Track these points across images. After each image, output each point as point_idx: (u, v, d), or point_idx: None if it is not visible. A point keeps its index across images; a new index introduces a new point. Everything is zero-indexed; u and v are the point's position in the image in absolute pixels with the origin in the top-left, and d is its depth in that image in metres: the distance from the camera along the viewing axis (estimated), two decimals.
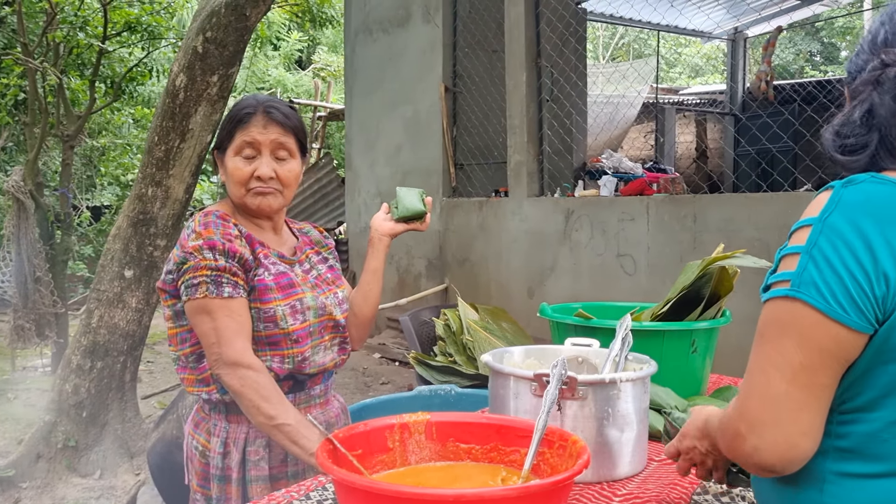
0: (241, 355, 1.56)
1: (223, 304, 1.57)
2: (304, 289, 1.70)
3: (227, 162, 1.67)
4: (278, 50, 18.41)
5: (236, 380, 1.55)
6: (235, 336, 1.57)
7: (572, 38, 6.66)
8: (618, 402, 1.44)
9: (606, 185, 6.19)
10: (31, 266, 5.79)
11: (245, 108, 1.66)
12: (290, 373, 1.67)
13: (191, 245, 1.59)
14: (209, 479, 1.68)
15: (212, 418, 1.69)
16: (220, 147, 1.71)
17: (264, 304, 1.62)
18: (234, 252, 1.59)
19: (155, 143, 4.06)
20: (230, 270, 1.58)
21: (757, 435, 0.95)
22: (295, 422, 1.56)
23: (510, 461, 1.36)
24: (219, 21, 3.85)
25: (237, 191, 1.68)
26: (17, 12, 6.45)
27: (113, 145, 10.77)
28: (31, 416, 5.35)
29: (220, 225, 1.62)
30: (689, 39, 19.54)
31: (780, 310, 0.96)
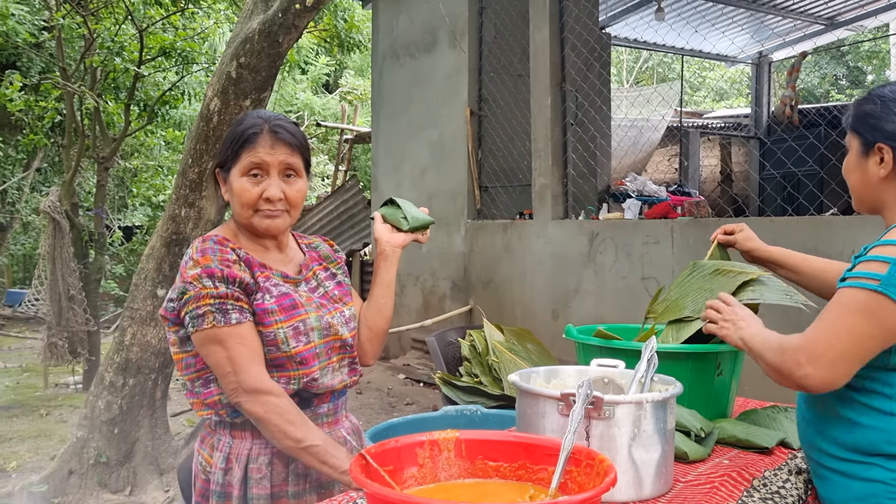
0: (260, 382, 1.54)
1: (233, 332, 1.54)
2: (307, 309, 1.66)
3: (233, 182, 1.63)
4: (306, 74, 18.70)
5: (259, 406, 1.53)
6: (250, 363, 1.55)
7: (596, 63, 6.72)
8: (644, 423, 1.47)
9: (631, 209, 6.21)
10: (65, 285, 5.92)
11: (251, 127, 1.62)
12: (296, 391, 1.64)
13: (190, 274, 1.55)
14: (209, 497, 1.64)
15: (216, 433, 1.67)
16: (223, 166, 1.66)
17: (266, 327, 1.59)
18: (234, 277, 1.56)
19: (189, 165, 4.17)
20: (233, 296, 1.55)
21: (813, 367, 1.39)
22: (322, 442, 1.56)
23: (538, 479, 1.39)
24: (252, 47, 3.96)
25: (244, 212, 1.63)
26: (56, 38, 6.65)
27: (145, 167, 10.99)
28: (63, 432, 5.45)
29: (217, 251, 1.58)
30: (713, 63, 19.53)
31: (868, 297, 1.37)
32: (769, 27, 9.85)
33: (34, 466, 4.71)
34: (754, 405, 2.23)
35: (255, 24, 3.97)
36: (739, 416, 2.06)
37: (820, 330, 1.41)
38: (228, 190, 1.65)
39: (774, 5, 9.33)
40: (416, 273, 7.55)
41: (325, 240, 1.92)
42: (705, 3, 9.13)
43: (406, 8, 8.03)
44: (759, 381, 3.91)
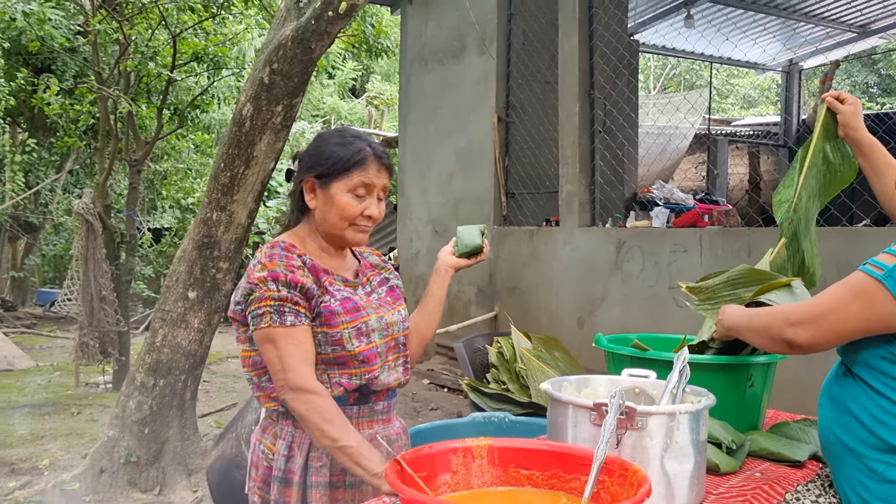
0: (305, 381, 1.64)
1: (286, 333, 1.65)
2: (368, 311, 1.77)
3: (336, 196, 1.74)
4: (333, 78, 18.83)
5: (301, 404, 1.63)
6: (299, 363, 1.65)
7: (625, 70, 6.70)
8: (677, 434, 1.47)
9: (659, 217, 6.18)
10: (97, 285, 6.02)
11: (361, 149, 1.75)
12: (357, 387, 1.75)
13: (256, 276, 1.67)
14: (270, 482, 1.74)
15: (279, 423, 1.77)
16: (323, 177, 1.75)
17: (331, 328, 1.70)
18: (296, 283, 1.67)
19: (221, 169, 4.22)
20: (292, 300, 1.66)
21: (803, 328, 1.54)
22: (357, 444, 1.62)
23: (570, 488, 1.40)
24: (285, 53, 4.00)
25: (340, 223, 1.76)
26: (92, 43, 6.77)
27: (175, 170, 11.13)
28: (93, 430, 5.54)
29: (283, 257, 1.70)
30: (742, 70, 19.36)
31: (867, 282, 1.45)
32: (801, 35, 9.75)
33: (66, 464, 4.79)
34: (785, 418, 2.21)
35: (288, 30, 4.02)
36: (771, 428, 2.05)
37: (819, 298, 1.54)
38: (322, 200, 1.76)
39: (806, 13, 9.24)
40: None
41: (372, 250, 2.04)
42: (736, 10, 9.06)
43: (435, 14, 8.07)
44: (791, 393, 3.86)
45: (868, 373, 1.51)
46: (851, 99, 2.06)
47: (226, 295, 4.39)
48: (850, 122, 2.02)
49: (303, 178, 1.78)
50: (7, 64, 9.59)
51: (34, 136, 12.70)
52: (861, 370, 1.53)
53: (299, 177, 1.80)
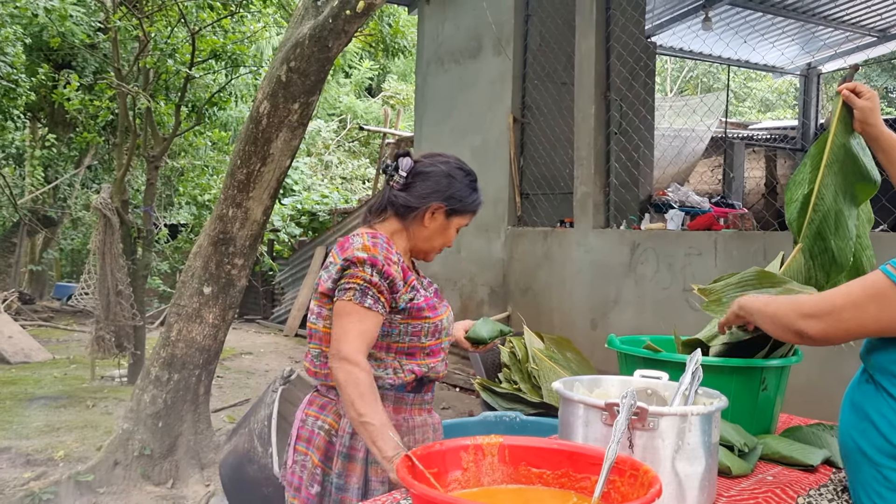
0: (354, 354, 1.76)
1: (361, 312, 1.80)
2: (440, 311, 1.96)
3: (448, 228, 2.01)
4: (350, 77, 18.89)
5: (343, 373, 1.75)
6: (357, 339, 1.78)
7: (642, 72, 6.69)
8: (688, 436, 1.47)
9: (674, 219, 6.16)
10: (113, 280, 6.08)
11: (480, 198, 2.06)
12: (422, 376, 1.92)
13: (356, 255, 1.82)
14: (333, 456, 1.88)
15: (341, 403, 1.87)
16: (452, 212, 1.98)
17: (416, 320, 1.89)
18: (388, 275, 1.83)
19: (237, 166, 4.25)
20: (378, 288, 1.82)
21: (816, 320, 1.50)
22: (379, 424, 1.71)
23: (581, 488, 1.40)
24: (302, 52, 4.03)
25: (428, 246, 2.00)
26: (112, 39, 6.84)
27: (191, 166, 11.21)
28: (108, 423, 5.59)
29: (384, 247, 1.86)
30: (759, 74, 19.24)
31: (883, 283, 1.42)
32: (820, 38, 9.68)
33: (81, 456, 4.84)
34: (799, 422, 2.20)
35: (305, 29, 4.04)
36: (784, 432, 2.05)
37: (835, 294, 1.51)
38: (437, 225, 1.99)
39: (825, 16, 9.17)
40: (455, 278, 7.58)
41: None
42: (754, 13, 9.01)
43: (452, 14, 8.08)
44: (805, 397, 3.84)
45: (888, 380, 1.50)
46: (869, 92, 1.98)
47: (240, 291, 4.42)
48: (867, 117, 1.96)
49: (434, 202, 1.96)
50: (28, 59, 9.69)
51: (54, 132, 12.83)
52: (882, 377, 1.51)
53: (433, 199, 1.96)
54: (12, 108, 9.99)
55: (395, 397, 1.91)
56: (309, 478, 1.89)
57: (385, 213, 1.98)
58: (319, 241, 11.60)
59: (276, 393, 3.51)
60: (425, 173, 1.97)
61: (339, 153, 17.70)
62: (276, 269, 12.37)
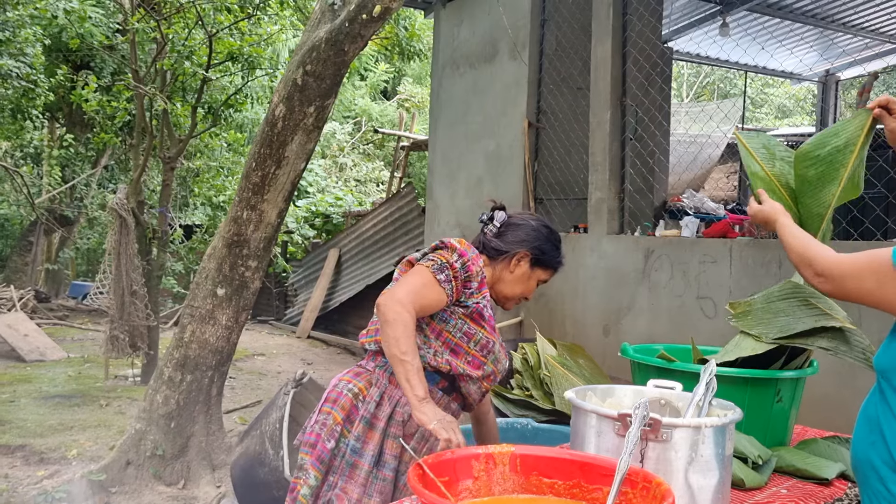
0: (409, 302, 1.85)
1: (430, 280, 1.92)
2: (496, 335, 2.08)
3: (530, 279, 2.18)
4: (365, 80, 18.95)
5: (393, 312, 1.83)
6: (416, 293, 1.88)
7: (658, 78, 6.65)
8: (702, 448, 1.46)
9: (689, 226, 6.11)
10: (128, 280, 6.11)
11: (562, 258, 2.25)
12: (451, 375, 2.00)
13: (450, 241, 2.01)
14: (355, 420, 1.98)
15: (375, 373, 2.03)
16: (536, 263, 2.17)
17: (474, 322, 2.02)
18: (469, 269, 1.99)
19: (252, 168, 4.26)
20: (455, 273, 1.96)
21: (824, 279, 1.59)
22: (416, 365, 1.80)
23: (592, 499, 1.39)
24: (318, 55, 4.04)
25: (516, 293, 2.17)
26: (130, 41, 6.89)
27: (207, 167, 11.27)
28: (121, 423, 5.62)
29: (475, 253, 2.05)
30: (776, 80, 19.11)
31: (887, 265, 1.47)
32: (838, 45, 9.60)
33: (93, 455, 4.87)
34: (814, 434, 2.18)
35: (322, 32, 4.05)
36: (798, 444, 2.03)
37: (844, 260, 1.58)
38: (520, 272, 2.15)
39: (844, 23, 9.09)
40: None
41: None
42: (772, 19, 8.95)
43: (468, 18, 8.08)
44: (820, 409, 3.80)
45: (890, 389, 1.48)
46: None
47: (254, 293, 4.43)
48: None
49: (524, 248, 2.14)
50: (48, 60, 9.79)
51: (72, 132, 12.94)
52: (886, 385, 1.50)
53: (521, 247, 2.14)
54: (31, 109, 10.10)
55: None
56: (328, 433, 1.97)
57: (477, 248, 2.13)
58: (333, 244, 11.62)
59: (288, 396, 3.51)
60: (517, 225, 2.17)
61: (354, 155, 17.74)
62: (289, 271, 12.40)
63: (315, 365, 8.54)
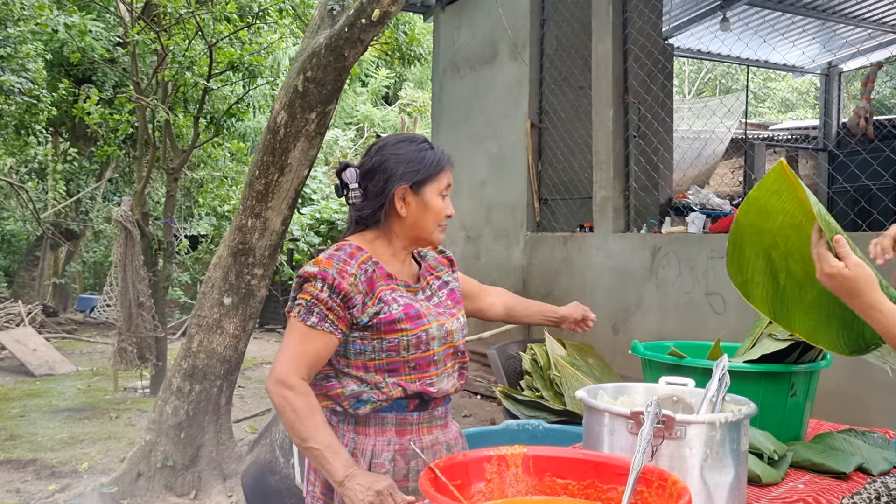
0: (287, 375, 1.65)
1: (303, 330, 1.68)
2: (429, 319, 1.76)
3: (430, 200, 1.79)
4: (366, 86, 18.96)
5: (276, 397, 1.66)
6: (293, 359, 1.67)
7: (660, 74, 6.62)
8: (717, 444, 1.44)
9: (695, 222, 6.09)
10: (135, 291, 6.12)
11: (443, 152, 1.83)
12: (417, 392, 1.75)
13: (307, 270, 1.71)
14: (332, 487, 1.73)
15: (340, 429, 1.78)
16: (417, 184, 1.77)
17: (391, 334, 1.71)
18: (340, 289, 1.68)
19: (255, 176, 4.26)
20: (326, 304, 1.68)
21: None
22: (324, 446, 1.62)
23: (607, 499, 1.37)
24: (318, 61, 4.03)
25: (431, 226, 1.80)
26: (131, 53, 6.90)
27: (211, 177, 11.28)
28: (131, 434, 5.62)
29: (341, 260, 1.71)
30: (779, 74, 19.06)
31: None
32: (841, 36, 9.56)
33: (104, 468, 4.86)
34: (829, 428, 2.16)
35: (321, 38, 4.05)
36: (814, 438, 2.00)
37: None
38: (415, 206, 1.79)
39: (846, 14, 9.05)
40: None
41: (432, 248, 2.01)
42: (773, 12, 8.92)
43: (467, 21, 8.08)
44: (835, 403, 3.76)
45: None
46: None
47: (260, 301, 4.42)
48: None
49: (394, 187, 1.77)
50: (50, 75, 9.82)
51: (75, 146, 12.99)
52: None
53: (388, 185, 1.77)
54: (34, 124, 10.13)
55: (397, 419, 1.76)
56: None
57: (360, 227, 1.85)
58: None
59: None
60: (372, 170, 1.79)
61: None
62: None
63: None
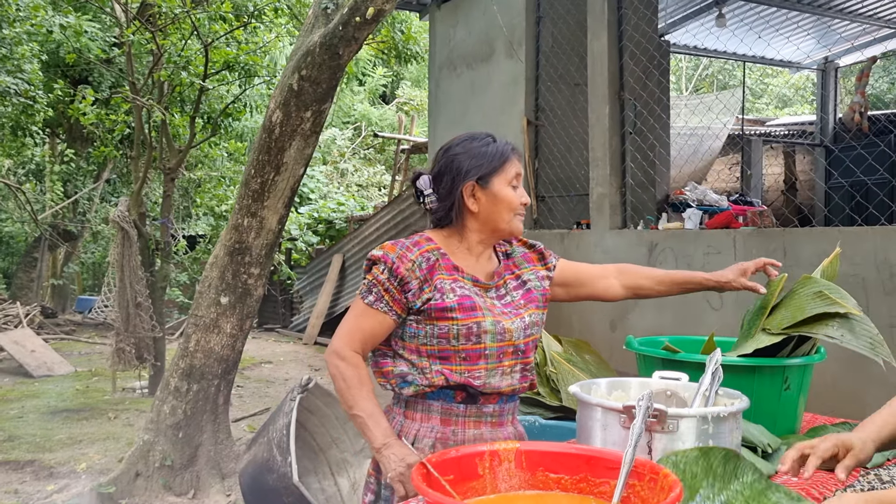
0: (342, 348, 1.79)
1: (362, 308, 1.81)
2: (485, 313, 1.80)
3: (499, 191, 1.84)
4: (363, 85, 18.96)
5: (332, 367, 1.80)
6: (348, 333, 1.81)
7: (656, 71, 6.62)
8: (709, 437, 1.44)
9: (691, 218, 6.09)
10: (133, 292, 6.11)
11: (505, 144, 1.88)
12: (462, 384, 1.79)
13: (372, 254, 1.84)
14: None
15: (393, 410, 1.89)
16: (483, 178, 1.83)
17: (440, 321, 1.77)
18: (398, 273, 1.78)
19: (251, 175, 4.26)
20: (384, 286, 1.78)
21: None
22: (366, 415, 1.74)
23: (600, 493, 1.37)
24: (313, 60, 4.04)
25: (506, 216, 1.85)
26: (126, 54, 6.90)
27: (208, 177, 11.29)
28: (130, 435, 5.62)
29: (404, 247, 1.81)
30: (776, 69, 19.07)
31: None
32: (836, 32, 9.56)
33: (103, 468, 4.87)
34: (823, 421, 2.16)
35: (316, 37, 4.05)
36: (808, 432, 2.01)
37: None
38: (485, 200, 1.84)
39: (841, 9, 9.06)
40: None
41: (521, 241, 2.05)
42: (768, 8, 8.92)
43: (463, 19, 8.07)
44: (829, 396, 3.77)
45: None
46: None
47: (257, 300, 4.43)
48: None
49: (461, 185, 1.83)
50: (45, 76, 9.81)
51: (72, 147, 12.98)
52: None
53: (454, 186, 1.84)
54: (31, 125, 10.12)
55: (443, 408, 1.81)
56: (365, 488, 1.91)
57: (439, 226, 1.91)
58: (336, 249, 11.61)
59: (295, 402, 3.50)
60: (440, 173, 1.87)
61: (355, 161, 17.74)
62: (294, 278, 12.41)
63: (322, 371, 8.52)
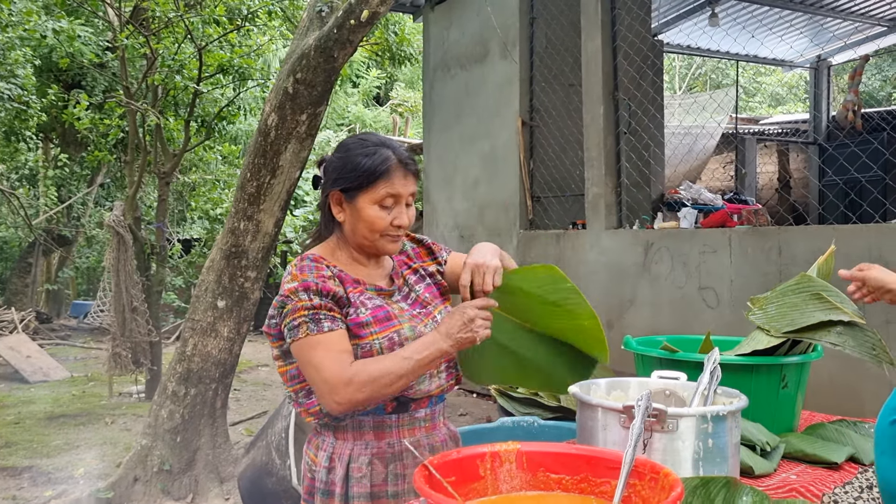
0: (344, 385, 1.58)
1: (325, 339, 1.61)
2: (401, 320, 1.71)
3: (363, 209, 1.70)
4: (357, 87, 18.95)
5: (360, 394, 1.57)
6: (335, 365, 1.59)
7: (649, 71, 6.65)
8: (708, 436, 1.45)
9: (687, 217, 6.11)
10: (128, 296, 6.10)
11: (385, 160, 1.69)
12: (395, 397, 1.70)
13: (287, 288, 1.64)
14: (314, 493, 1.74)
15: (321, 435, 1.77)
16: (348, 191, 1.71)
17: (361, 339, 1.65)
18: (328, 291, 1.64)
19: (247, 179, 4.26)
20: (327, 307, 1.63)
21: None
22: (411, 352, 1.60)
23: (601, 492, 1.38)
24: (308, 63, 4.04)
25: (371, 235, 1.72)
26: (120, 58, 6.88)
27: (203, 181, 11.27)
28: (127, 439, 5.61)
29: (313, 268, 1.67)
30: (769, 68, 19.13)
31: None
32: (829, 30, 9.60)
33: (100, 473, 4.86)
34: (821, 419, 2.17)
35: (310, 40, 4.05)
36: (806, 429, 2.01)
37: None
38: (349, 213, 1.72)
39: (834, 8, 9.10)
40: None
41: (408, 236, 1.96)
42: (761, 7, 8.96)
43: (457, 20, 8.08)
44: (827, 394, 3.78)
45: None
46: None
47: (254, 304, 4.42)
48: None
49: (328, 191, 1.74)
50: (39, 81, 9.78)
51: (66, 152, 12.94)
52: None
53: (325, 190, 1.75)
54: (24, 130, 10.10)
55: (374, 422, 1.72)
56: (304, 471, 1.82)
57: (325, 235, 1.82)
58: None
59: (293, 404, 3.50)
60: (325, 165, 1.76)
61: None
62: None
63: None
